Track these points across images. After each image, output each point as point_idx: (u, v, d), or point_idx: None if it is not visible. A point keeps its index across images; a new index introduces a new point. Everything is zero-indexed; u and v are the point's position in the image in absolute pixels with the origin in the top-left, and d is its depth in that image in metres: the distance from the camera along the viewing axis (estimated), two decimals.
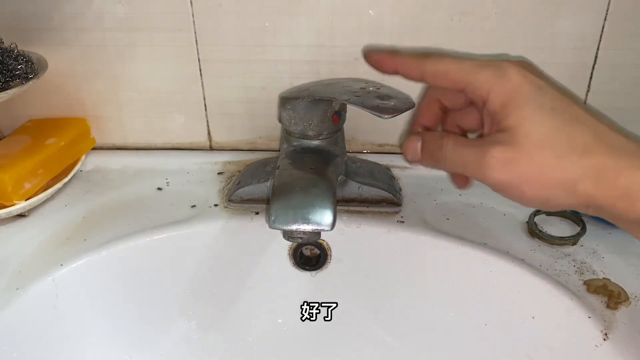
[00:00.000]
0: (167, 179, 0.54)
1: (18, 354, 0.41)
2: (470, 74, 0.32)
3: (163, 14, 0.50)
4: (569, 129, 0.29)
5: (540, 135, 0.29)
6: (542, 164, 0.29)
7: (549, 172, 0.29)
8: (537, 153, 0.29)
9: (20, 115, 0.56)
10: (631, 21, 0.47)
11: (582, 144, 0.29)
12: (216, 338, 0.49)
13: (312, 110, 0.43)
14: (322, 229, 0.38)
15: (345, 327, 0.49)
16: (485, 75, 0.31)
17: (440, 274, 0.46)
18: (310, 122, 0.44)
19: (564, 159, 0.29)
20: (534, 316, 0.42)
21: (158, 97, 0.55)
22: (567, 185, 0.29)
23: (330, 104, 0.43)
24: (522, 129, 0.30)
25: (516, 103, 0.30)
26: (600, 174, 0.29)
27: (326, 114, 0.43)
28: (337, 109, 0.44)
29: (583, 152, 0.29)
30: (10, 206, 0.47)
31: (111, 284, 0.46)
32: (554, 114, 0.29)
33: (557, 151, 0.29)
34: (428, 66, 0.34)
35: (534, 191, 0.30)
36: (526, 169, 0.30)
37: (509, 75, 0.31)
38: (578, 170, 0.29)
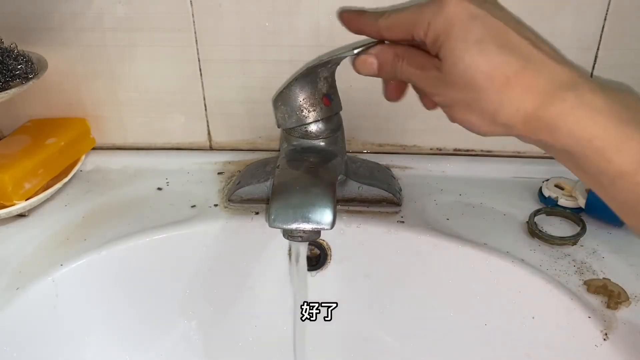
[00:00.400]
0: (167, 179, 0.54)
1: (18, 354, 0.41)
2: (414, 15, 0.32)
3: (163, 14, 0.50)
4: (492, 60, 0.29)
5: (463, 67, 0.29)
6: (465, 93, 0.30)
7: (470, 101, 0.30)
8: (460, 83, 0.30)
9: (20, 115, 0.56)
10: (631, 21, 0.47)
11: (504, 74, 0.29)
12: (216, 338, 0.49)
13: (300, 96, 0.43)
14: (322, 227, 0.38)
15: (345, 327, 0.49)
16: (426, 13, 0.31)
17: (440, 274, 0.46)
18: (302, 109, 0.43)
19: (483, 91, 0.29)
20: (534, 316, 0.42)
21: (158, 97, 0.55)
22: (486, 115, 0.30)
23: (316, 85, 0.43)
24: (448, 59, 0.30)
25: (446, 36, 0.30)
26: (520, 106, 0.29)
27: (314, 96, 0.43)
28: (324, 91, 0.44)
29: (505, 82, 0.29)
30: (10, 206, 0.47)
31: (111, 284, 0.46)
32: (478, 44, 0.29)
33: (477, 82, 0.29)
34: (382, 22, 0.34)
35: (461, 116, 0.32)
36: (453, 96, 0.31)
37: (445, 5, 0.30)
38: (496, 101, 0.29)
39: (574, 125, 0.28)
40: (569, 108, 0.28)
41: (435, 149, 0.55)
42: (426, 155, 0.55)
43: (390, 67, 0.34)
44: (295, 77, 0.43)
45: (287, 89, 0.43)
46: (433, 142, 0.55)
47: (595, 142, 0.27)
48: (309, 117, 0.44)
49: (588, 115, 0.28)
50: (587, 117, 0.28)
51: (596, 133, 0.27)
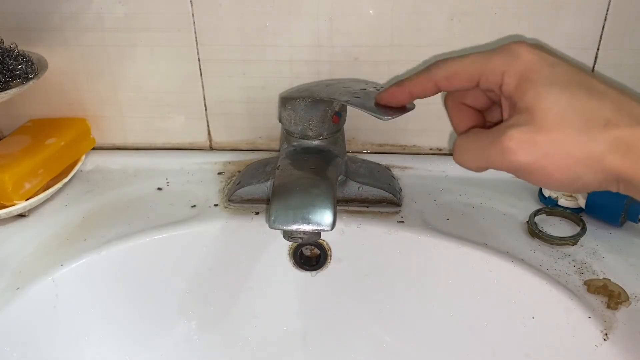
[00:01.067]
0: (167, 179, 0.54)
1: (18, 354, 0.41)
2: (481, 64, 0.31)
3: (163, 14, 0.50)
4: (588, 103, 0.28)
5: (559, 111, 0.28)
6: (565, 141, 0.28)
7: (572, 149, 0.28)
8: (558, 130, 0.28)
9: (20, 115, 0.56)
10: (631, 21, 0.47)
11: (603, 116, 0.28)
12: (216, 338, 0.49)
13: (312, 111, 0.43)
14: (322, 229, 0.38)
15: (345, 327, 0.49)
16: (497, 61, 0.31)
17: (440, 274, 0.46)
18: (310, 123, 0.44)
19: (587, 134, 0.27)
20: (534, 316, 0.42)
21: (158, 97, 0.55)
22: (593, 161, 0.28)
23: (331, 105, 0.43)
24: (539, 107, 0.28)
25: (530, 81, 0.29)
26: (627, 146, 0.27)
27: (326, 114, 0.43)
28: (337, 110, 0.44)
29: (606, 125, 0.27)
30: (10, 206, 0.47)
31: (111, 284, 0.46)
32: (570, 88, 0.28)
33: (578, 127, 0.28)
34: (437, 74, 0.33)
35: (560, 171, 0.28)
36: (548, 149, 0.28)
37: (519, 54, 0.30)
38: (602, 144, 0.27)
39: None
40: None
41: (435, 149, 0.55)
42: (426, 155, 0.55)
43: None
44: (314, 97, 0.42)
45: (302, 101, 0.43)
46: (433, 142, 0.55)
47: None
48: (314, 130, 0.44)
49: None
50: None
51: None
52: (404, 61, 0.50)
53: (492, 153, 0.30)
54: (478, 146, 0.31)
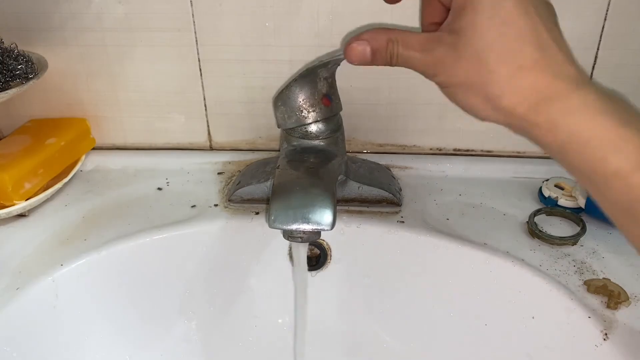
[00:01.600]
0: (167, 179, 0.54)
1: (18, 354, 0.41)
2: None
3: (163, 14, 0.50)
4: (510, 45, 0.29)
5: (481, 45, 0.29)
6: (473, 73, 0.30)
7: (477, 82, 0.30)
8: (472, 62, 0.30)
9: (20, 115, 0.56)
10: (631, 21, 0.47)
11: (518, 62, 0.29)
12: (216, 338, 0.49)
13: (300, 97, 0.43)
14: (322, 228, 0.38)
15: (346, 327, 0.49)
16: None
17: (440, 274, 0.46)
18: (302, 110, 0.43)
19: (493, 74, 0.29)
20: (534, 316, 0.42)
21: (158, 97, 0.55)
22: (491, 98, 0.30)
23: (316, 86, 0.43)
24: (467, 34, 0.30)
25: (472, 6, 0.30)
26: (527, 96, 0.29)
27: (314, 97, 0.43)
28: (324, 92, 0.44)
29: (517, 70, 0.29)
30: (10, 206, 0.47)
31: (111, 284, 0.46)
32: (502, 26, 0.29)
33: (490, 64, 0.29)
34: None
35: (463, 97, 0.31)
36: (460, 75, 0.30)
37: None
38: (504, 87, 0.29)
39: (574, 124, 0.28)
40: (573, 107, 0.28)
41: (435, 149, 0.55)
42: (426, 155, 0.55)
43: (385, 52, 0.34)
44: (295, 77, 0.43)
45: (287, 90, 0.43)
46: (433, 142, 0.55)
47: (593, 141, 0.27)
48: (308, 117, 0.44)
49: (589, 116, 0.28)
50: (588, 117, 0.28)
51: (595, 133, 0.27)
52: None
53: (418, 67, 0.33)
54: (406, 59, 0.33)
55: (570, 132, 0.28)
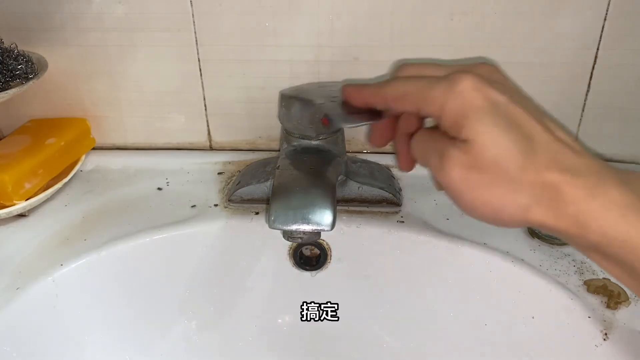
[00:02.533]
0: (167, 179, 0.54)
1: (18, 354, 0.41)
2: (423, 92, 0.30)
3: (163, 14, 0.50)
4: (523, 149, 0.28)
5: (495, 152, 0.28)
6: (496, 183, 0.28)
7: (501, 193, 0.28)
8: (492, 171, 0.28)
9: (20, 115, 0.56)
10: (631, 21, 0.47)
11: (535, 166, 0.27)
12: (216, 338, 0.49)
13: (302, 112, 0.43)
14: (322, 229, 0.38)
15: (346, 327, 0.49)
16: (437, 92, 0.29)
17: (440, 274, 0.46)
18: (301, 123, 0.43)
19: (516, 183, 0.28)
20: (534, 316, 0.42)
21: (158, 97, 0.55)
22: (518, 209, 0.28)
23: (318, 108, 0.43)
24: (478, 142, 0.28)
25: (469, 119, 0.28)
26: (552, 201, 0.27)
27: (314, 117, 0.43)
28: (325, 112, 0.44)
29: (536, 175, 0.27)
30: (10, 206, 0.47)
31: (111, 284, 0.46)
32: (509, 131, 0.28)
33: (510, 173, 0.28)
34: (388, 92, 0.32)
35: (483, 206, 0.29)
36: (480, 182, 0.28)
37: (461, 90, 0.29)
38: (530, 196, 0.28)
39: (604, 225, 0.27)
40: (599, 206, 0.27)
41: None
42: None
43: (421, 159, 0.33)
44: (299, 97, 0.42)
45: (293, 101, 0.43)
46: None
47: (630, 242, 0.26)
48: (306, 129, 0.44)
49: (619, 214, 0.26)
50: (618, 216, 0.26)
51: (630, 233, 0.26)
52: (404, 61, 0.50)
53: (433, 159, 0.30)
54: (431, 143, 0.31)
55: (604, 234, 0.27)
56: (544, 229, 0.29)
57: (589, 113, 0.52)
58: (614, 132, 0.53)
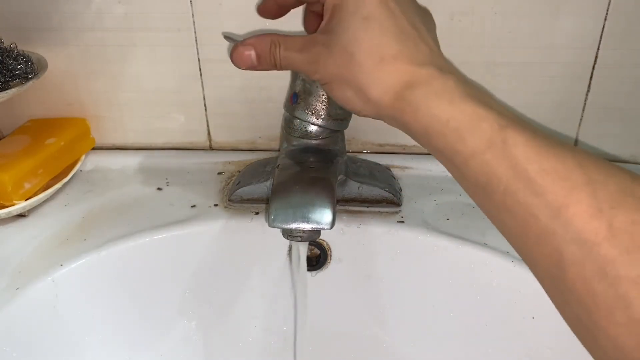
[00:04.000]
0: (167, 179, 0.54)
1: (18, 354, 0.41)
2: None
3: (163, 14, 0.50)
4: (373, 39, 0.31)
5: (347, 40, 0.31)
6: (343, 67, 0.32)
7: (347, 76, 0.32)
8: (342, 56, 0.32)
9: (20, 115, 0.56)
10: (631, 21, 0.47)
11: (380, 54, 0.31)
12: (216, 338, 0.49)
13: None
14: (321, 227, 0.38)
15: (345, 327, 0.49)
16: None
17: (440, 274, 0.46)
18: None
19: (360, 66, 0.31)
20: (534, 316, 0.42)
21: (158, 97, 0.55)
22: (360, 92, 0.32)
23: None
24: (336, 32, 0.32)
25: (339, 7, 0.32)
26: (391, 85, 0.30)
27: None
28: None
29: (380, 61, 0.31)
30: (10, 206, 0.47)
31: (111, 284, 0.46)
32: (364, 21, 0.31)
33: (356, 57, 0.31)
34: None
35: (338, 91, 0.33)
36: (333, 71, 0.32)
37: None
38: (370, 78, 0.31)
39: (434, 107, 0.29)
40: (432, 91, 0.30)
41: None
42: (426, 155, 0.55)
43: (269, 55, 0.35)
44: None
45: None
46: None
47: (451, 122, 0.29)
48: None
49: (448, 99, 0.29)
50: (446, 100, 0.29)
51: (453, 114, 0.29)
52: None
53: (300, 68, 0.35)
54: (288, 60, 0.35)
55: (431, 115, 0.29)
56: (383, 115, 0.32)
57: (589, 113, 0.52)
58: (614, 132, 0.53)
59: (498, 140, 0.27)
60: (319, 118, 0.43)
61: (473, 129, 0.28)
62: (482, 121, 0.28)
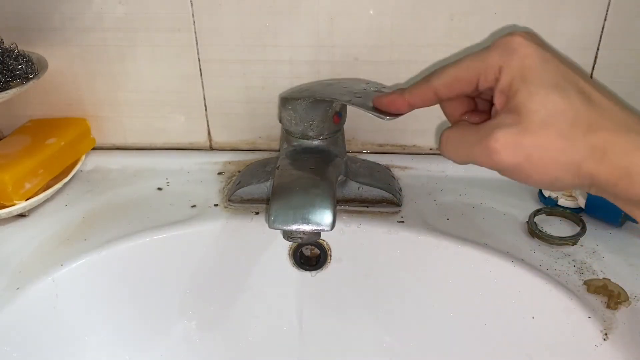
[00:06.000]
0: (167, 179, 0.54)
1: (18, 354, 0.41)
2: (479, 65, 0.31)
3: (163, 14, 0.50)
4: (573, 106, 0.28)
5: (545, 113, 0.28)
6: (547, 145, 0.28)
7: (553, 153, 0.28)
8: (542, 133, 0.28)
9: (20, 115, 0.56)
10: (631, 21, 0.47)
11: (586, 121, 0.28)
12: (216, 338, 0.49)
13: (313, 111, 0.43)
14: (321, 229, 0.38)
15: (346, 327, 0.49)
16: (494, 57, 0.30)
17: (440, 274, 0.46)
18: (311, 123, 0.44)
19: (568, 140, 0.28)
20: (534, 316, 0.42)
21: (158, 97, 0.55)
22: (572, 166, 0.29)
23: (331, 105, 0.43)
24: (528, 108, 0.29)
25: (523, 80, 0.29)
26: (603, 153, 0.28)
27: (327, 114, 0.43)
28: (337, 110, 0.44)
29: (587, 130, 0.28)
30: (11, 206, 0.47)
31: (111, 284, 0.46)
32: (558, 90, 0.28)
33: (561, 130, 0.28)
34: (436, 83, 0.33)
35: (540, 174, 0.29)
36: (531, 151, 0.29)
37: (516, 48, 0.30)
38: (582, 150, 0.28)
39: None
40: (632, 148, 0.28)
41: (435, 149, 0.55)
42: (426, 155, 0.55)
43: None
44: (315, 97, 0.42)
45: (303, 102, 0.43)
46: (433, 142, 0.55)
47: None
48: (315, 130, 0.44)
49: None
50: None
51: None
52: (404, 61, 0.50)
53: (477, 151, 0.31)
54: (465, 142, 0.32)
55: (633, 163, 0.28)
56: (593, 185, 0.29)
57: None
58: None
59: None
60: None
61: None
62: None
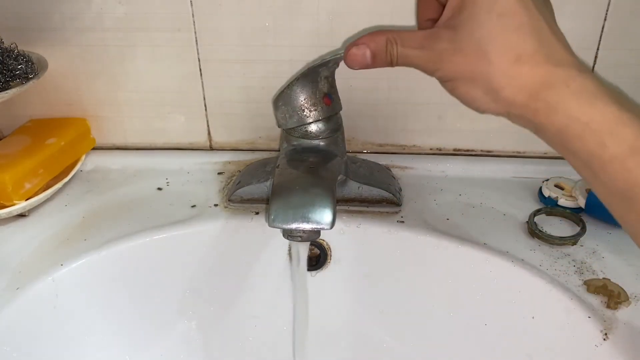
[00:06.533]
0: (167, 179, 0.54)
1: (18, 354, 0.41)
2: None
3: (163, 14, 0.50)
4: (509, 36, 0.30)
5: (480, 37, 0.30)
6: (473, 65, 0.30)
7: (477, 74, 0.30)
8: (472, 54, 0.30)
9: (20, 115, 0.56)
10: (631, 21, 0.47)
11: (516, 53, 0.29)
12: (216, 338, 0.49)
13: (301, 96, 0.43)
14: (321, 227, 0.38)
15: (345, 326, 0.49)
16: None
17: (440, 274, 0.46)
18: (304, 109, 0.43)
19: (493, 65, 0.30)
20: (534, 316, 0.42)
21: (158, 97, 0.55)
22: (492, 89, 0.30)
23: (317, 85, 0.43)
24: (466, 28, 0.30)
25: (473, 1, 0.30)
26: (527, 84, 0.29)
27: (315, 96, 0.43)
28: (325, 91, 0.44)
29: (515, 61, 0.29)
30: (11, 206, 0.47)
31: (111, 284, 0.46)
32: (500, 18, 0.30)
33: (490, 55, 0.30)
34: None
35: (464, 90, 0.32)
36: (461, 68, 0.31)
37: None
38: (505, 77, 0.30)
39: (573, 108, 0.28)
40: (571, 92, 0.29)
41: (435, 149, 0.55)
42: (426, 155, 0.55)
43: (385, 53, 0.34)
44: (297, 77, 0.43)
45: (288, 89, 0.43)
46: (433, 142, 0.55)
47: (592, 125, 0.28)
48: (310, 116, 0.44)
49: (588, 100, 0.28)
50: (586, 102, 0.28)
51: (594, 116, 0.28)
52: None
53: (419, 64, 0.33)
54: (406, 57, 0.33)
55: (569, 116, 0.28)
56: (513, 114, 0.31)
57: None
58: None
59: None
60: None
61: (615, 133, 0.27)
62: (625, 126, 0.27)
